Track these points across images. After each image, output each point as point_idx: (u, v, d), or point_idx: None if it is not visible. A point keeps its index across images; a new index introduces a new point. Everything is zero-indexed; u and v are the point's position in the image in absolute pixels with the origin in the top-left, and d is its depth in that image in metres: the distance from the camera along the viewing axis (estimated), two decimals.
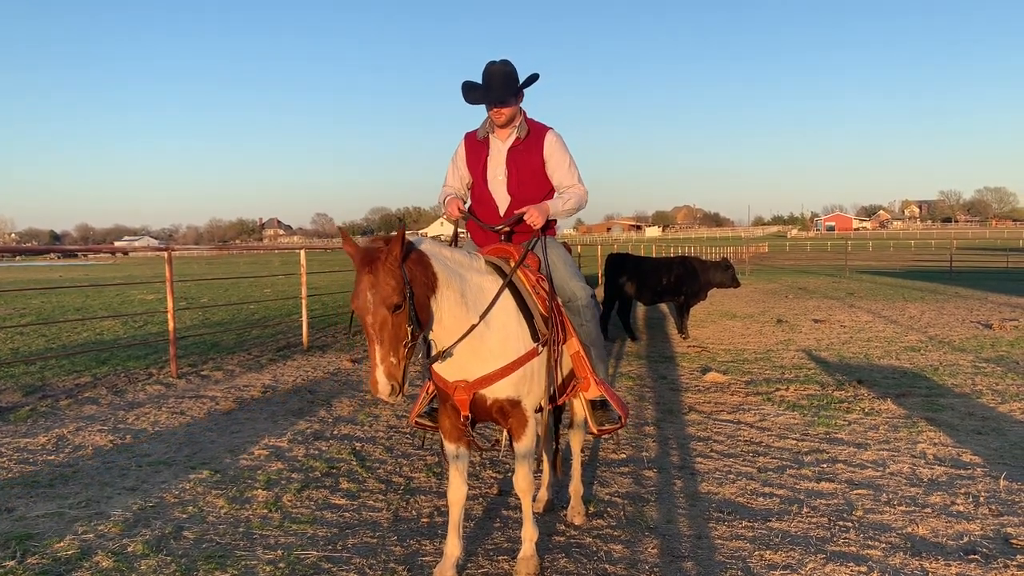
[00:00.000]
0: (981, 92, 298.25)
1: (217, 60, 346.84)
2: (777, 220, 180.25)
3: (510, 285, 3.48)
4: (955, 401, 7.27)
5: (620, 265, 12.31)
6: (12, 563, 3.86)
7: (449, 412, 3.51)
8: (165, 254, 9.72)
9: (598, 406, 3.96)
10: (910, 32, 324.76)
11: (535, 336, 3.48)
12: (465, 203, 4.22)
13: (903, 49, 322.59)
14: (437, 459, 5.67)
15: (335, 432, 6.53)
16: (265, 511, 4.64)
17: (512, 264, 3.63)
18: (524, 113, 4.11)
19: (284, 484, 5.14)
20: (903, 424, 6.46)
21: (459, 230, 4.17)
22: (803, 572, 3.73)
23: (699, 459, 5.63)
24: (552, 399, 3.73)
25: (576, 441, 4.53)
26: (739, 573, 3.73)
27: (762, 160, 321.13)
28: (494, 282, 3.42)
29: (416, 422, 4.00)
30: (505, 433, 3.71)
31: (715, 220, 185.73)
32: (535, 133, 4.07)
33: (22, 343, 12.27)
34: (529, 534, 3.70)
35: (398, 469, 5.48)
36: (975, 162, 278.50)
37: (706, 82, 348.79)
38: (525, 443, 3.54)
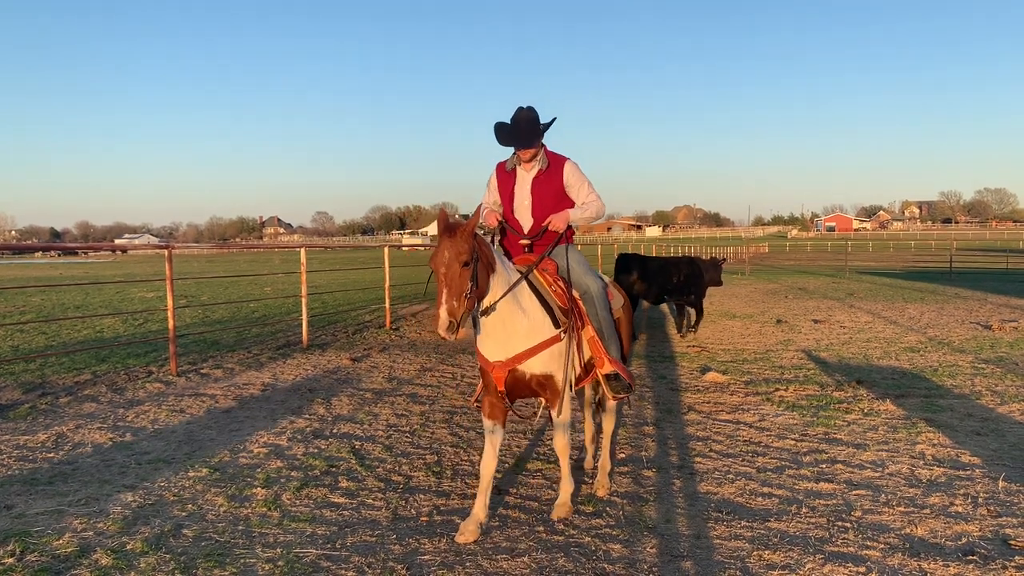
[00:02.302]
0: (982, 93, 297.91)
1: (218, 59, 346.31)
2: (777, 220, 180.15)
3: (531, 285, 4.28)
4: (954, 402, 7.27)
5: (630, 264, 12.51)
6: (11, 560, 3.86)
7: (491, 394, 4.32)
8: (165, 252, 9.72)
9: (612, 378, 4.63)
10: (911, 32, 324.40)
11: (556, 324, 4.25)
12: (502, 219, 4.93)
13: (904, 49, 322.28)
14: (436, 458, 5.69)
15: (334, 431, 6.53)
16: (264, 509, 4.64)
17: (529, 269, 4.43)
18: (545, 147, 4.79)
19: (283, 482, 5.14)
20: (902, 425, 6.47)
21: (494, 242, 4.94)
22: (802, 572, 3.74)
23: (698, 459, 5.63)
24: (579, 380, 4.56)
25: (608, 423, 5.26)
26: (738, 573, 3.74)
27: (762, 160, 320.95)
28: (518, 277, 4.24)
29: (475, 403, 4.76)
30: (542, 407, 4.55)
31: (715, 220, 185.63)
32: (554, 164, 4.77)
33: (22, 340, 12.27)
34: (565, 487, 4.55)
35: (397, 468, 5.48)
36: (975, 163, 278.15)
37: (707, 82, 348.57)
38: (561, 413, 4.35)
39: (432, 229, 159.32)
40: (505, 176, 4.87)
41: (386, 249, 15.46)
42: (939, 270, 33.94)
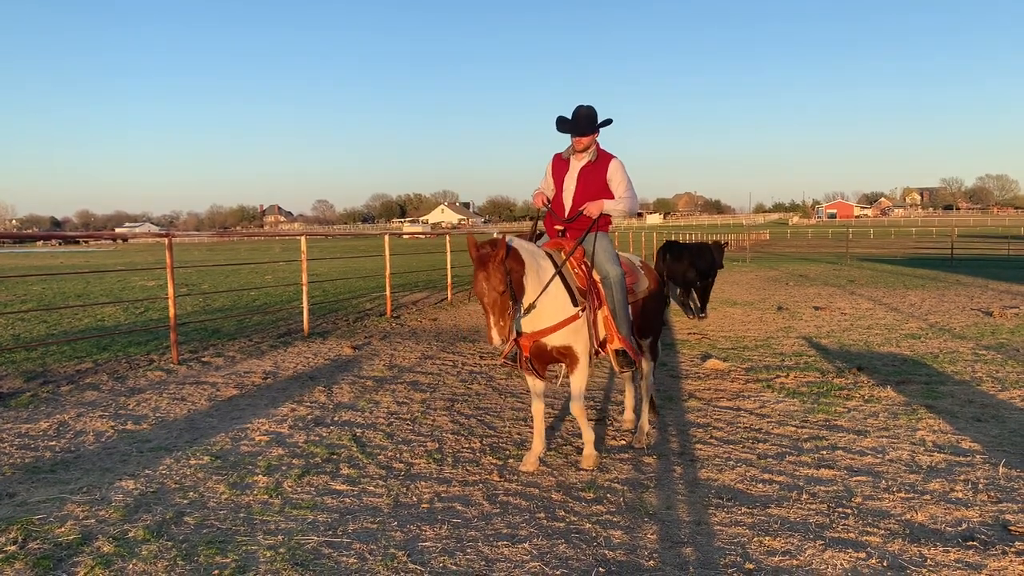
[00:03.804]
0: (983, 80, 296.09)
1: (218, 50, 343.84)
2: (778, 207, 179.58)
3: (557, 269, 4.87)
4: (955, 388, 7.27)
5: (681, 252, 13.18)
6: (13, 548, 3.88)
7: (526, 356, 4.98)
8: (166, 240, 9.71)
9: (620, 354, 5.25)
10: (912, 19, 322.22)
11: (575, 303, 4.89)
12: (548, 201, 5.57)
13: (905, 36, 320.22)
14: (437, 445, 5.71)
15: (336, 418, 6.54)
16: (266, 497, 4.65)
17: (562, 254, 5.09)
18: (598, 144, 5.42)
19: (285, 470, 5.16)
20: (903, 411, 6.47)
21: (538, 220, 5.79)
22: (802, 558, 3.75)
23: (699, 446, 5.64)
24: (602, 346, 5.20)
25: (644, 388, 5.99)
26: (738, 559, 3.75)
27: (763, 147, 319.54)
28: (549, 265, 4.86)
29: (504, 359, 5.35)
30: (564, 372, 5.22)
31: (716, 207, 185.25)
32: (602, 159, 5.38)
33: (23, 329, 12.29)
34: (588, 438, 5.20)
35: (398, 455, 5.49)
36: (977, 150, 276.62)
37: (707, 68, 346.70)
38: (577, 378, 5.00)
39: (433, 217, 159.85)
40: (560, 164, 5.54)
41: (387, 237, 15.45)
42: (940, 257, 33.92)
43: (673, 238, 17.97)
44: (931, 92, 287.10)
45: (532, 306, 4.68)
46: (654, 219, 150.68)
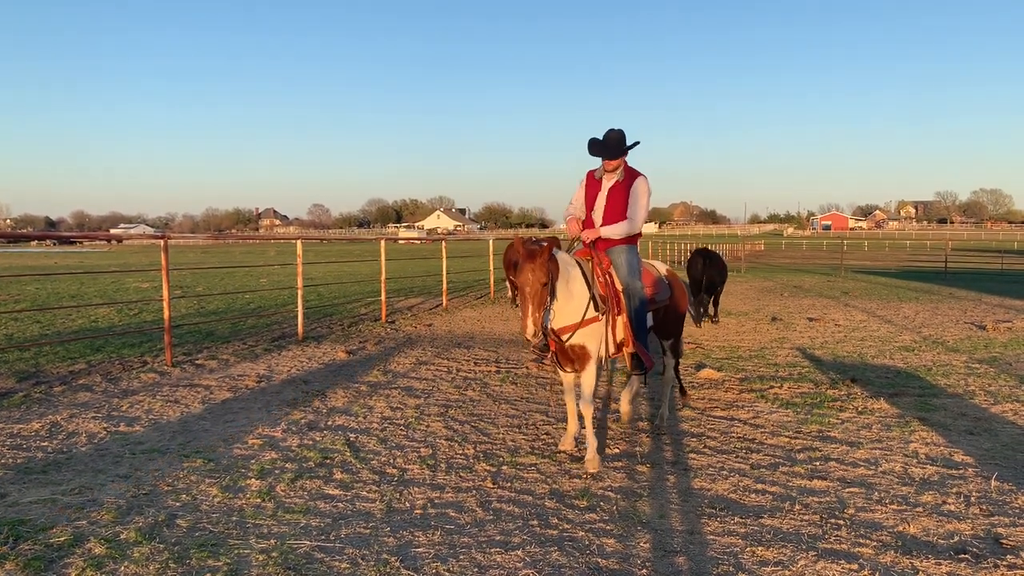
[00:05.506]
0: (979, 94, 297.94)
1: (216, 52, 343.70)
2: (773, 218, 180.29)
3: (583, 276, 5.32)
4: (948, 401, 7.29)
5: (712, 258, 13.88)
6: (4, 549, 3.86)
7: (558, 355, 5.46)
8: (161, 242, 9.69)
9: (634, 356, 5.77)
10: (907, 32, 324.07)
11: (597, 308, 5.30)
12: (580, 220, 6.00)
13: (901, 49, 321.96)
14: (431, 451, 5.71)
15: (329, 423, 6.53)
16: (258, 500, 4.64)
17: (589, 263, 5.57)
18: (626, 164, 5.87)
19: (278, 474, 5.14)
20: (896, 423, 6.49)
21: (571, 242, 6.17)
22: (794, 569, 3.75)
23: (692, 455, 5.65)
24: (619, 348, 5.70)
25: (667, 378, 6.73)
26: (731, 569, 3.75)
27: (759, 158, 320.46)
28: (578, 272, 5.29)
29: (535, 351, 6.02)
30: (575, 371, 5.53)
31: (711, 217, 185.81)
32: (629, 177, 5.83)
33: (16, 329, 12.24)
34: (591, 443, 5.36)
35: (392, 460, 5.49)
36: (971, 164, 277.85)
37: (703, 78, 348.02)
38: (587, 378, 5.34)
39: (429, 223, 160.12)
40: (593, 182, 5.98)
41: (382, 242, 15.45)
42: (934, 270, 34.06)
43: (670, 247, 18.33)
44: (927, 105, 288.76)
45: (558, 310, 5.09)
46: (649, 228, 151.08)
